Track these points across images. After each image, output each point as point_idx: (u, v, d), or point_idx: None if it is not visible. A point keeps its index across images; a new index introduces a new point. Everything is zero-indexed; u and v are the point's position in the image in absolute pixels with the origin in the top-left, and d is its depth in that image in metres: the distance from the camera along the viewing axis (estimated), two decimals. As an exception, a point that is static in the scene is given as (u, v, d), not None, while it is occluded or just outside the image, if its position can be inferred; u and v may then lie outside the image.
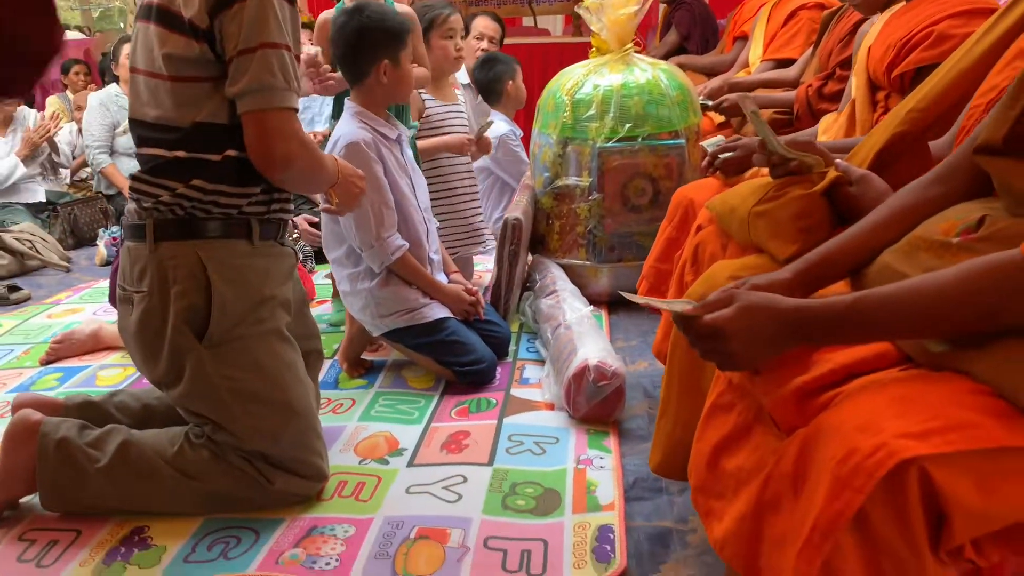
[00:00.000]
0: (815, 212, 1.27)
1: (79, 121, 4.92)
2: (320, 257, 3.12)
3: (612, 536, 1.50)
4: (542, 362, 2.34)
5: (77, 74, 5.85)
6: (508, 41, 5.89)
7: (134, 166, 1.59)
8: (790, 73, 3.11)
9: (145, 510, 1.62)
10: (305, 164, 1.50)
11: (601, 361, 1.95)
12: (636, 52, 2.87)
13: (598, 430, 1.93)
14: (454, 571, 1.43)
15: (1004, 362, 0.78)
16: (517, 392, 2.18)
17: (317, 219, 2.67)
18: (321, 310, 2.93)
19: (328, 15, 2.37)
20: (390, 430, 1.98)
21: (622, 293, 1.08)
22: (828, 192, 1.31)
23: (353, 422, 2.03)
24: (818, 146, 1.36)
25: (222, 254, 1.52)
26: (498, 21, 4.06)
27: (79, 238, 4.17)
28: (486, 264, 3.10)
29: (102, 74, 5.68)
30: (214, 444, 1.59)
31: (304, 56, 1.94)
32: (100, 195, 4.42)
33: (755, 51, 3.49)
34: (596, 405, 1.95)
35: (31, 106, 5.81)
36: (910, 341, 0.90)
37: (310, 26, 3.53)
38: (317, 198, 2.51)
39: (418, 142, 2.64)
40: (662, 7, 4.92)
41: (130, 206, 1.56)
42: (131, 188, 1.54)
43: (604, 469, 1.75)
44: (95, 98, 4.44)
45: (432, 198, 2.66)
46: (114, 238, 3.67)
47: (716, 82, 3.27)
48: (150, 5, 1.47)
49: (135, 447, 1.59)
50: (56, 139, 4.51)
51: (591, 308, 2.37)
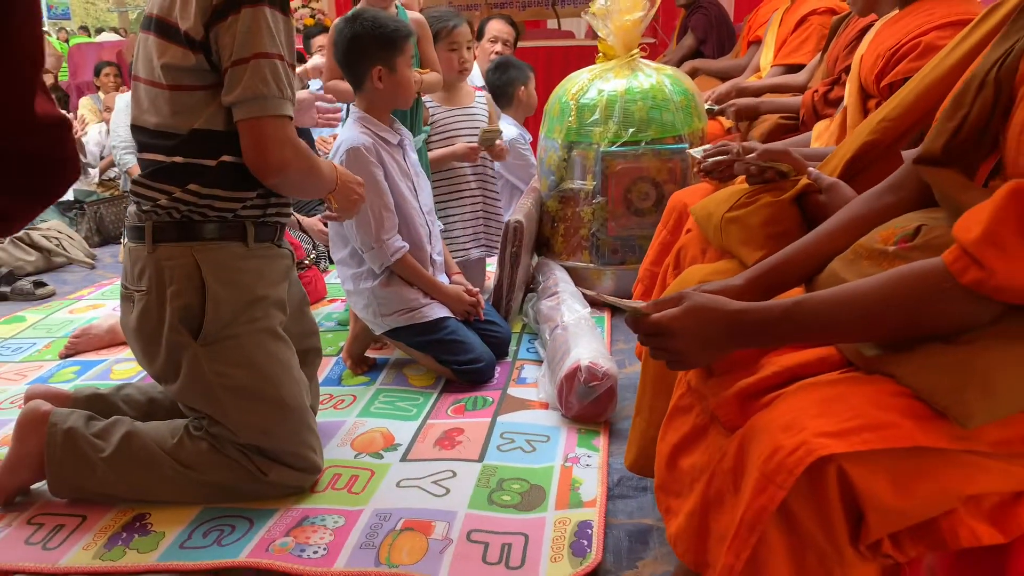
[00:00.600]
0: (784, 219, 1.30)
1: (109, 122, 5.07)
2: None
3: (590, 532, 1.54)
4: (540, 362, 2.39)
5: (108, 75, 6.00)
6: (533, 43, 5.97)
7: None
8: (799, 78, 3.12)
9: (147, 498, 1.69)
10: (299, 170, 1.56)
11: (593, 362, 1.99)
12: (642, 57, 2.90)
13: (589, 429, 1.98)
14: (435, 562, 1.48)
15: (923, 366, 0.81)
16: (513, 391, 2.23)
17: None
18: (331, 309, 3.01)
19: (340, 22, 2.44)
20: (387, 426, 2.04)
21: (582, 291, 1.12)
22: (799, 200, 1.34)
23: (352, 417, 2.10)
24: (793, 154, 1.39)
25: (217, 256, 1.59)
26: (512, 25, 4.10)
27: (105, 236, 4.30)
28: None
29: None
30: (212, 437, 1.66)
31: (311, 67, 2.00)
32: (126, 194, 4.55)
33: (766, 56, 3.50)
34: (588, 405, 1.99)
35: (65, 107, 6.00)
36: (849, 345, 0.93)
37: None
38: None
39: (432, 152, 2.70)
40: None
41: (131, 208, 1.64)
42: (132, 191, 1.61)
43: (590, 467, 1.79)
44: (123, 100, 4.57)
45: (440, 202, 2.72)
46: None
47: (725, 87, 3.29)
48: (150, 16, 1.54)
49: (138, 438, 1.67)
50: (84, 140, 4.65)
51: (589, 310, 2.41)
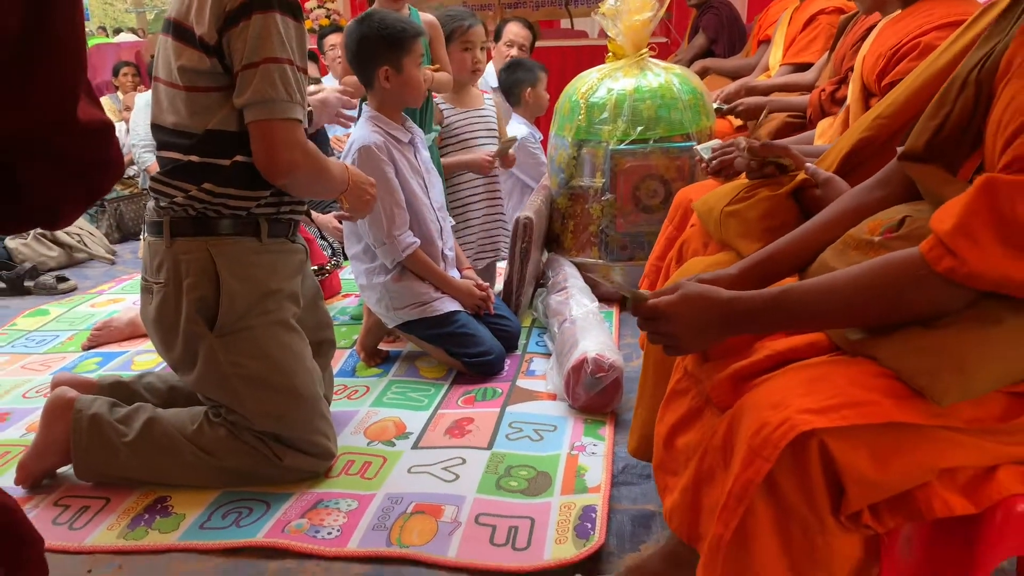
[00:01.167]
0: (781, 213, 1.35)
1: (128, 121, 5.16)
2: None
3: (594, 516, 1.60)
4: (549, 355, 2.44)
5: (126, 75, 6.10)
6: (546, 43, 6.01)
7: None
8: (807, 77, 3.15)
9: (168, 482, 1.76)
10: (307, 172, 1.61)
11: (599, 354, 2.04)
12: (652, 56, 2.94)
13: (595, 419, 2.03)
14: (444, 543, 1.54)
15: (903, 349, 0.86)
16: (522, 383, 2.28)
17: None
18: (345, 303, 3.08)
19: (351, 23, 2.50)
20: (399, 415, 2.10)
21: (587, 275, 1.18)
22: (796, 194, 1.39)
23: (365, 407, 2.16)
24: (791, 150, 1.44)
25: (231, 250, 1.65)
26: (530, 28, 4.14)
27: (124, 232, 4.39)
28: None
29: (150, 75, 5.94)
30: (230, 424, 1.72)
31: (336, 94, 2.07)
32: (145, 192, 4.64)
33: (775, 55, 3.53)
34: (594, 396, 2.05)
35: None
36: (836, 331, 0.98)
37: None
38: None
39: (441, 159, 2.75)
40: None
41: (150, 204, 1.70)
42: (150, 188, 1.68)
43: (596, 455, 1.85)
44: (142, 99, 4.66)
45: (449, 210, 2.77)
46: None
47: (734, 85, 3.33)
48: (168, 20, 1.60)
49: (159, 424, 1.73)
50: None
51: (598, 305, 2.46)
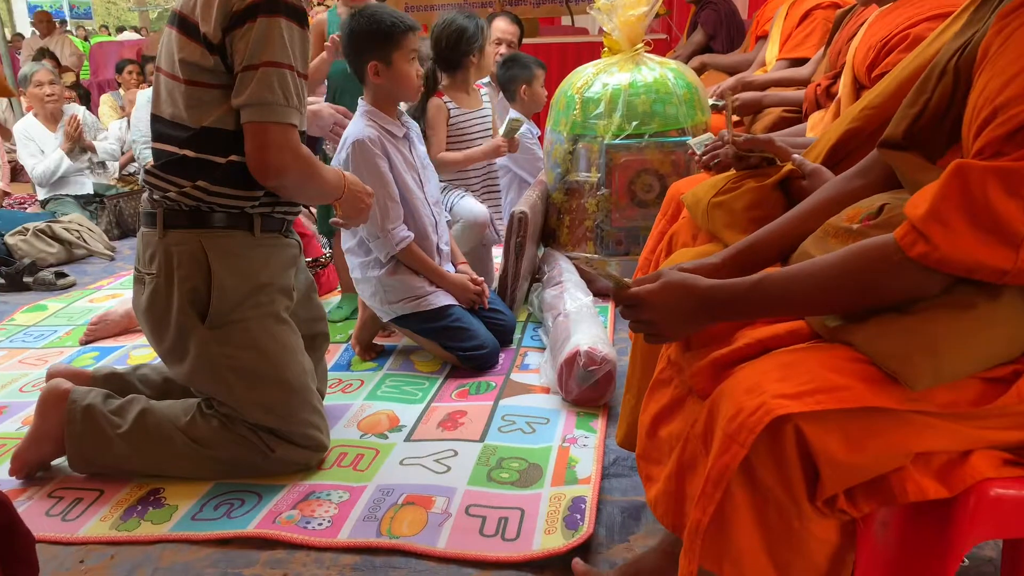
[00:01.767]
0: (767, 204, 1.35)
1: (130, 118, 5.18)
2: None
3: (584, 507, 1.60)
4: (544, 350, 2.44)
5: (130, 73, 6.12)
6: (546, 40, 6.01)
7: None
8: (803, 72, 3.15)
9: (160, 473, 1.77)
10: (298, 176, 1.61)
11: (592, 347, 2.05)
12: (648, 51, 2.95)
13: (588, 412, 2.03)
14: (434, 534, 1.55)
15: (877, 333, 0.87)
16: (516, 376, 2.29)
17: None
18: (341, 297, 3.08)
19: (321, 17, 2.56)
20: (393, 408, 2.11)
21: (570, 256, 1.18)
22: (783, 185, 1.39)
23: (359, 400, 2.17)
24: (776, 142, 1.44)
25: (223, 243, 1.66)
26: (517, 23, 4.15)
27: (124, 229, 4.40)
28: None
29: (144, 70, 5.98)
30: (222, 415, 1.73)
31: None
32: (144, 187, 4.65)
33: (771, 50, 3.53)
34: (587, 389, 2.05)
35: (87, 104, 6.12)
36: (815, 318, 0.99)
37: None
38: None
39: (455, 154, 2.76)
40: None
41: (145, 195, 1.71)
42: (144, 180, 1.69)
43: (587, 447, 1.85)
44: (143, 96, 4.67)
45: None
46: None
47: (731, 81, 3.33)
48: (175, 12, 1.62)
49: (153, 415, 1.74)
50: (104, 135, 4.76)
51: (591, 298, 2.46)
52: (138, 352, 2.61)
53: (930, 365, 0.82)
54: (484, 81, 4.31)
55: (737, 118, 3.32)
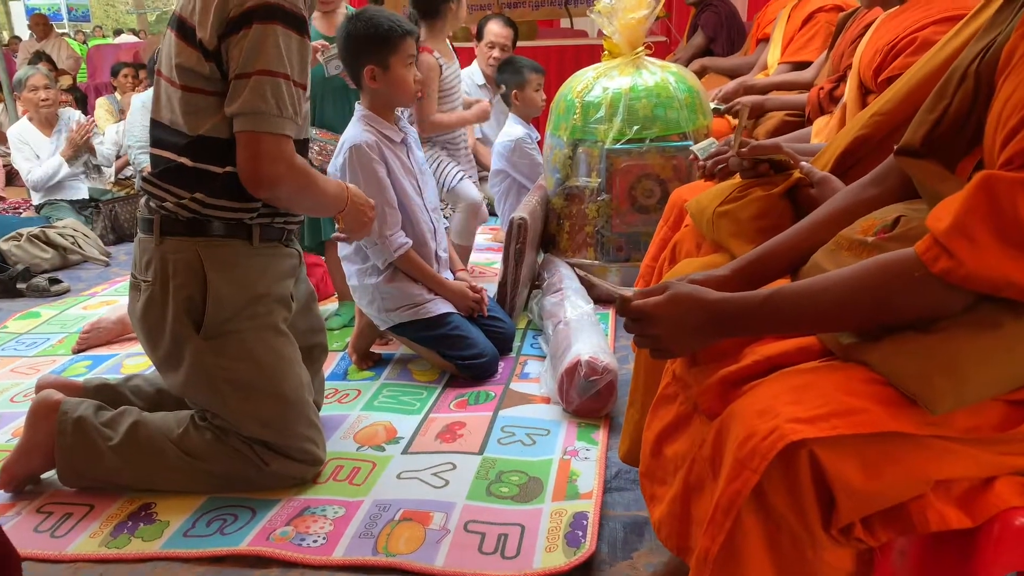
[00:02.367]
0: (774, 213, 1.31)
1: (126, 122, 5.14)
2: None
3: (586, 523, 1.56)
4: (544, 358, 2.40)
5: (126, 76, 6.08)
6: (546, 43, 5.98)
7: None
8: (805, 75, 3.11)
9: (153, 486, 1.73)
10: (293, 188, 1.56)
11: (593, 357, 2.01)
12: (649, 54, 2.91)
13: (589, 423, 1.99)
14: (432, 551, 1.50)
15: (894, 353, 0.83)
16: (516, 386, 2.25)
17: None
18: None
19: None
20: (390, 419, 2.06)
21: (576, 271, 1.14)
22: (791, 193, 1.35)
23: (356, 411, 2.12)
24: (785, 149, 1.40)
25: (220, 252, 1.62)
26: (511, 25, 4.12)
27: (119, 234, 4.36)
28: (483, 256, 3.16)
29: (149, 76, 5.93)
30: (216, 428, 1.69)
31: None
32: (140, 193, 4.61)
33: (773, 53, 3.49)
34: (588, 399, 2.01)
35: (83, 108, 6.08)
36: (828, 335, 0.95)
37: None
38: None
39: (448, 116, 2.82)
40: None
41: (142, 200, 1.67)
42: (141, 187, 1.65)
43: (589, 460, 1.81)
44: (138, 100, 4.63)
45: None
46: None
47: (732, 85, 3.29)
48: (175, 15, 1.58)
49: (145, 427, 1.70)
50: (101, 139, 4.72)
51: (592, 306, 2.43)
52: (132, 361, 2.56)
53: (952, 387, 0.79)
54: (480, 83, 4.30)
55: (737, 121, 3.29)
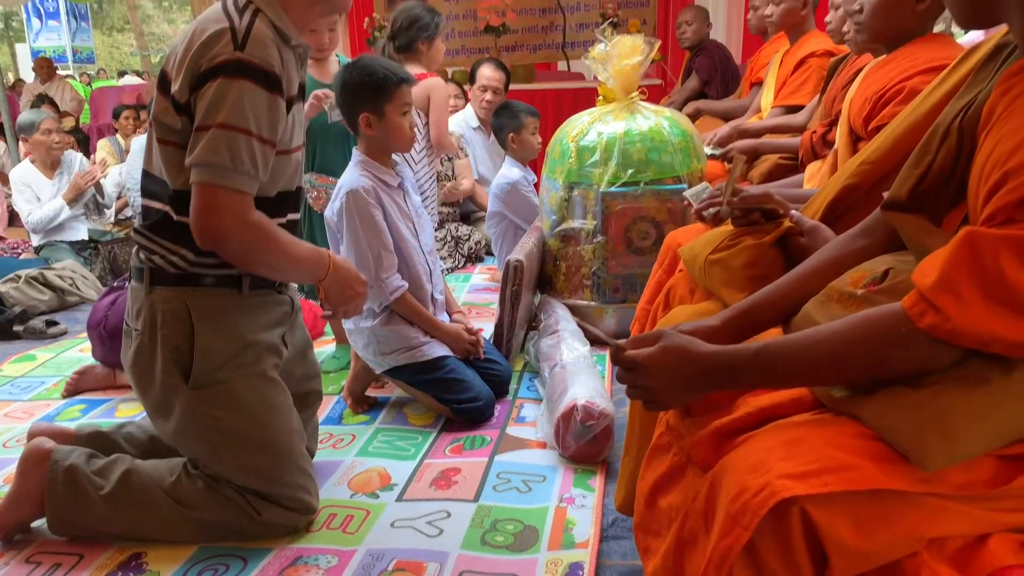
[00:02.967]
0: (765, 261, 1.32)
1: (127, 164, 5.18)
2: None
3: (581, 573, 1.54)
4: (540, 401, 2.39)
5: (127, 118, 6.16)
6: (543, 85, 6.06)
7: None
8: (798, 119, 3.16)
9: (144, 536, 1.71)
10: (243, 245, 1.51)
11: (589, 401, 2.00)
12: (643, 99, 2.95)
13: (586, 469, 1.98)
14: (425, 603, 1.48)
15: (886, 408, 0.83)
16: (512, 430, 2.23)
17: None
18: (332, 347, 3.03)
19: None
20: (384, 465, 2.05)
21: (577, 321, 1.15)
22: (781, 242, 1.36)
23: (351, 457, 2.11)
24: (776, 196, 1.41)
25: (209, 302, 1.61)
26: (502, 69, 4.19)
27: (118, 275, 4.35)
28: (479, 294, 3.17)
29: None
30: (208, 476, 1.67)
31: None
32: (139, 234, 4.62)
33: (766, 97, 3.54)
34: (584, 445, 2.00)
35: (85, 150, 6.13)
36: (820, 387, 0.95)
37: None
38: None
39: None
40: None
41: (134, 250, 1.67)
42: (133, 237, 1.65)
43: (585, 508, 1.79)
44: (138, 142, 4.68)
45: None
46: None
47: (726, 128, 3.33)
48: (161, 67, 1.59)
49: (137, 476, 1.69)
50: (104, 180, 4.75)
51: (589, 348, 2.42)
52: (126, 405, 2.55)
53: (943, 444, 0.78)
54: (474, 125, 4.35)
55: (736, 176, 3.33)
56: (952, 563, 0.79)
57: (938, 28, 1.87)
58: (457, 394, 2.27)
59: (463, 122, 4.34)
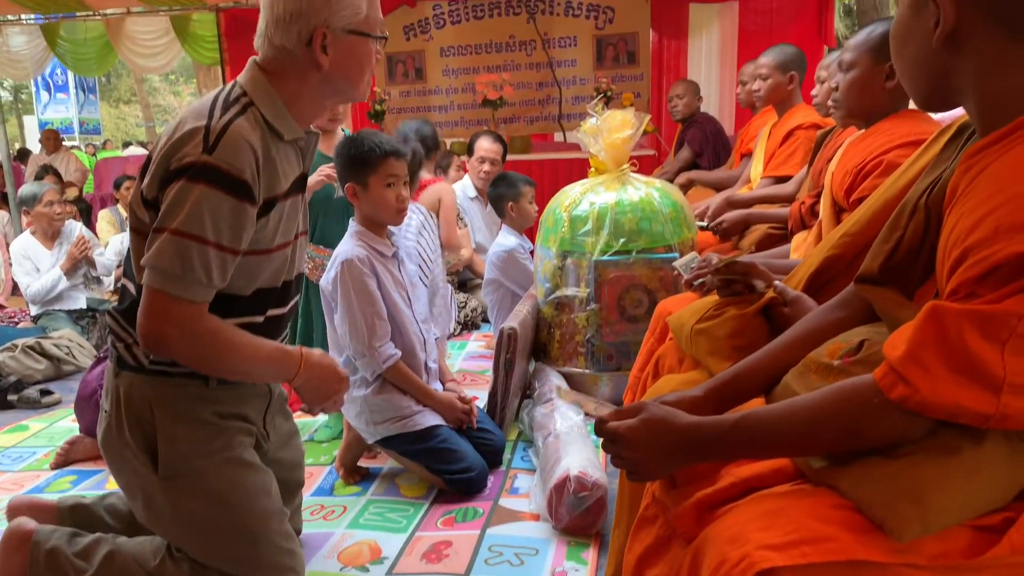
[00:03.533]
0: (749, 331, 1.34)
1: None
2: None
3: (572, 649, 1.51)
4: (534, 471, 2.38)
5: (128, 189, 6.25)
6: (540, 156, 6.20)
7: None
8: (787, 189, 3.23)
9: (129, 619, 1.66)
10: (187, 353, 1.44)
11: (582, 472, 1.99)
12: (634, 171, 3.02)
13: (579, 542, 1.96)
14: None
15: (861, 479, 0.84)
16: (505, 502, 2.21)
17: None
18: (324, 417, 3.02)
19: None
20: (375, 538, 2.02)
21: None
22: (766, 312, 1.38)
23: (341, 529, 2.09)
24: (759, 268, 1.44)
25: (172, 393, 1.53)
26: (499, 141, 4.32)
27: (115, 344, 4.38)
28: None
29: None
30: (193, 560, 1.60)
31: None
32: (138, 303, 4.65)
33: (756, 168, 3.63)
34: (578, 516, 1.98)
35: (88, 219, 6.22)
36: (800, 457, 0.96)
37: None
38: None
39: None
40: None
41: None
42: (106, 319, 1.59)
43: (577, 581, 1.77)
44: (138, 213, 4.74)
45: None
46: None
47: (718, 199, 3.40)
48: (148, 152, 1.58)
49: (120, 557, 1.62)
50: (101, 251, 4.80)
51: (583, 417, 2.42)
52: (117, 475, 2.53)
53: (917, 514, 0.79)
54: (471, 195, 4.45)
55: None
56: (930, 635, 0.79)
57: (915, 104, 1.94)
58: (449, 465, 2.26)
59: (461, 192, 4.43)
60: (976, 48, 0.87)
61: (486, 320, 4.22)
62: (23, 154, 10.43)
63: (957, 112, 1.06)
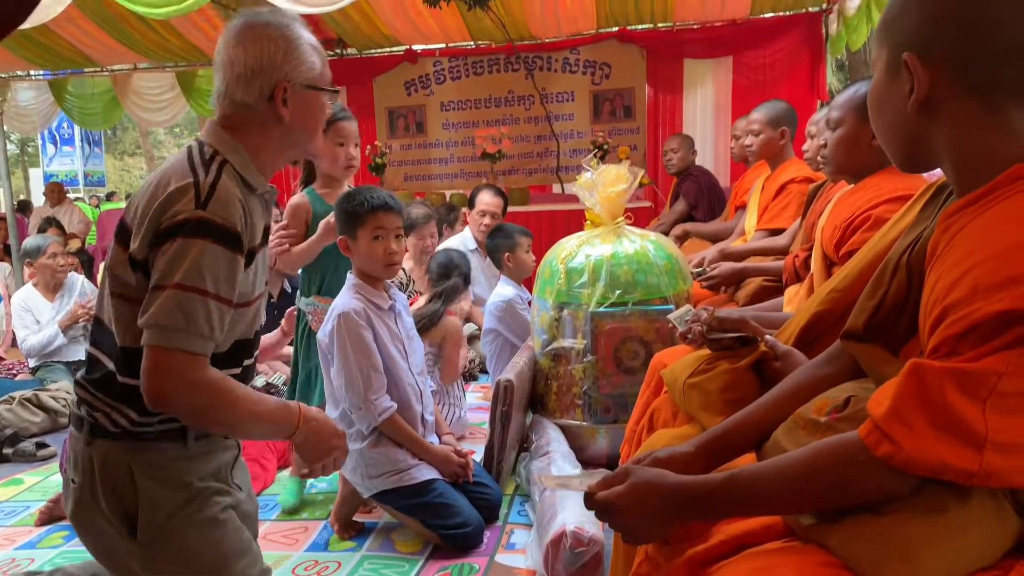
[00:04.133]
0: (741, 385, 1.35)
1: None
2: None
3: None
4: (531, 526, 2.36)
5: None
6: (539, 207, 6.27)
7: None
8: (780, 241, 3.26)
9: None
10: (189, 406, 1.42)
11: (579, 527, 1.98)
12: (629, 223, 3.06)
13: (576, 598, 1.93)
14: None
15: (850, 536, 0.84)
16: (501, 558, 2.19)
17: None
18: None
19: (296, 200, 2.64)
20: (370, 594, 2.00)
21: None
22: (757, 366, 1.39)
23: (335, 586, 2.06)
24: (749, 322, 1.46)
25: (151, 457, 1.50)
26: (500, 195, 4.39)
27: (113, 395, 4.36)
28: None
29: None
30: None
31: None
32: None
33: (750, 220, 3.67)
34: (574, 572, 1.96)
35: (89, 271, 6.24)
36: (790, 514, 0.96)
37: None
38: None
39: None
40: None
41: (75, 397, 1.55)
42: (75, 389, 1.55)
43: (573, 639, 1.74)
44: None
45: None
46: None
47: (712, 251, 3.43)
48: (121, 218, 1.53)
49: None
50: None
51: (580, 471, 2.41)
52: (110, 531, 2.50)
53: (907, 572, 0.79)
54: (471, 247, 4.51)
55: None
56: None
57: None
58: (445, 520, 2.24)
59: (461, 245, 4.48)
60: (950, 114, 0.90)
61: (484, 371, 4.22)
62: (23, 206, 10.52)
63: (942, 170, 1.09)
